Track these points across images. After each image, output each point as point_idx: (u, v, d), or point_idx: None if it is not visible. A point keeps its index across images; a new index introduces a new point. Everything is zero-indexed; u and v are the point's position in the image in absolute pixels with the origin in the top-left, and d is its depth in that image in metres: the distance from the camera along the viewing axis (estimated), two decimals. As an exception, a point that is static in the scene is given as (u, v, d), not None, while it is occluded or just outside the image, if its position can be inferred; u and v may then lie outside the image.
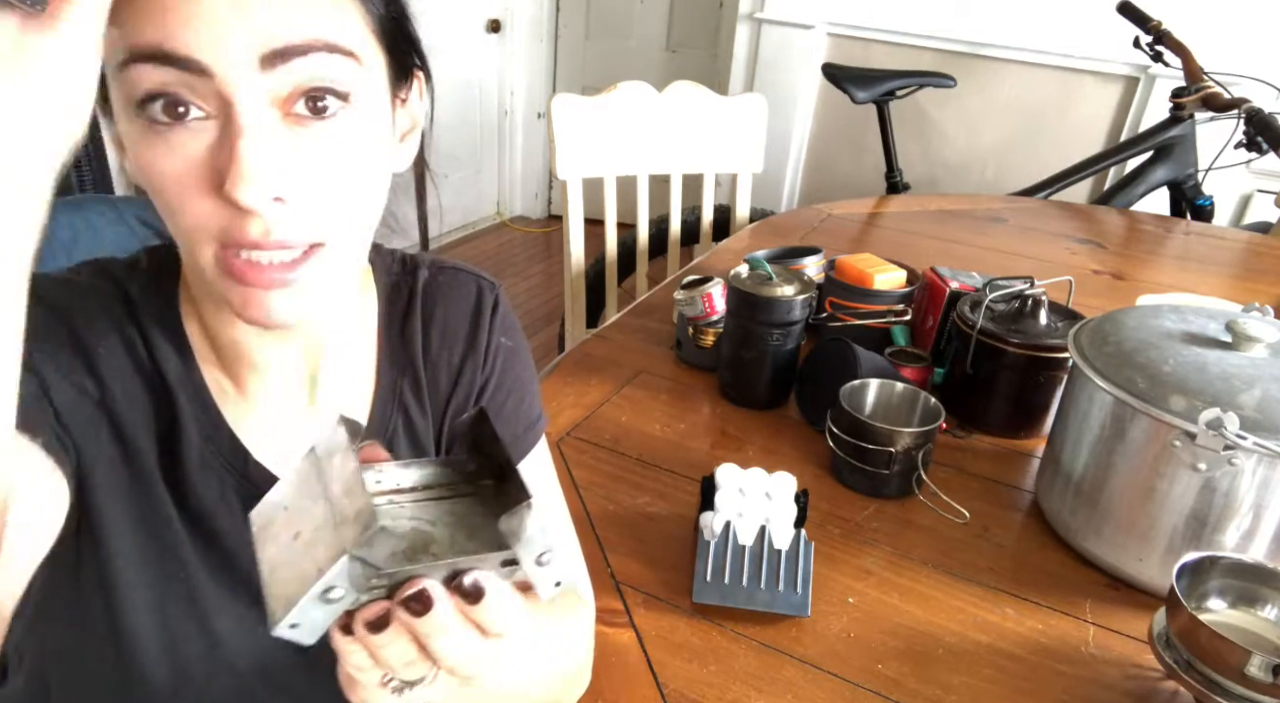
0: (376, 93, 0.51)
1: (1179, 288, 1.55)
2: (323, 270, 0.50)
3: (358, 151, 0.50)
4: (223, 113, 0.46)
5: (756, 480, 0.83)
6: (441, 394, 0.68)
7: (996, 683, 0.72)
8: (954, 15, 2.82)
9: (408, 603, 0.37)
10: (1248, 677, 0.63)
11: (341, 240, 0.51)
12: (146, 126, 0.46)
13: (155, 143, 0.46)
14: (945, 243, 1.72)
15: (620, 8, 3.81)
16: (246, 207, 0.45)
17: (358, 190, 0.51)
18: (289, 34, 0.45)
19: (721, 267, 1.47)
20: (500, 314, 0.71)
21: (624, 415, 1.07)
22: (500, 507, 0.41)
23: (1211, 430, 0.73)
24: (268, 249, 0.48)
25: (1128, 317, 0.89)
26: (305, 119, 0.47)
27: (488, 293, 0.70)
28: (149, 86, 0.45)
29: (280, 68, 0.45)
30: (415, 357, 0.66)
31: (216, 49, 0.44)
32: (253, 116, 0.45)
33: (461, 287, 0.70)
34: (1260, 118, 1.86)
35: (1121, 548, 0.83)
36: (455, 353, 0.68)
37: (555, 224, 4.14)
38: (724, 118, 1.88)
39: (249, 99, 0.45)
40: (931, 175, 3.04)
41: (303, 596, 0.35)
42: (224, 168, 0.45)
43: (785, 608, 0.76)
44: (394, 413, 0.65)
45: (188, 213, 0.47)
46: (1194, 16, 2.31)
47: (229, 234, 0.47)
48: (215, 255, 0.48)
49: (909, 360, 1.10)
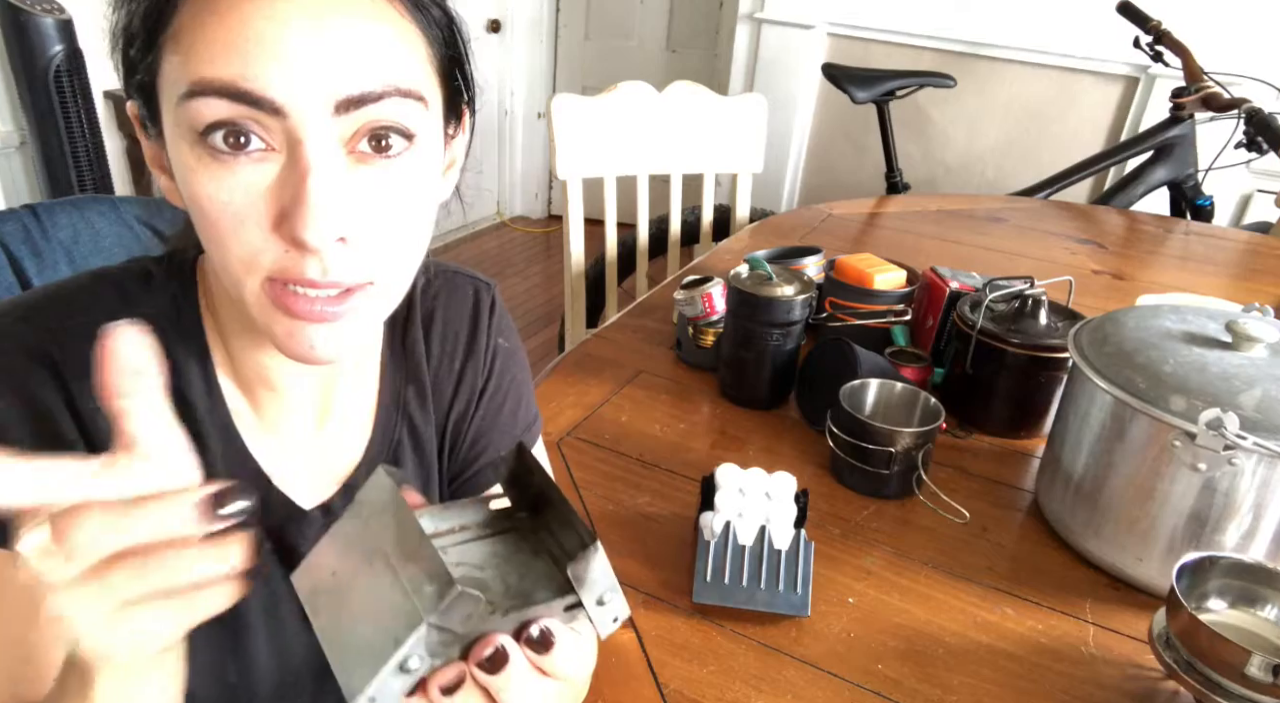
0: (436, 131, 0.51)
1: (1179, 288, 1.55)
2: (370, 308, 0.50)
3: (417, 191, 0.50)
4: (288, 148, 0.45)
5: (756, 481, 0.83)
6: (445, 399, 0.68)
7: (996, 683, 0.72)
8: (954, 15, 2.82)
9: (484, 664, 0.37)
10: (1248, 677, 0.63)
11: (391, 279, 0.51)
12: (206, 155, 0.45)
13: (215, 171, 0.45)
14: (945, 243, 1.72)
15: (620, 8, 3.81)
16: (313, 247, 0.45)
17: (413, 229, 0.51)
18: (366, 82, 0.45)
19: (721, 267, 1.47)
20: (497, 315, 0.71)
21: (624, 415, 1.07)
22: (540, 540, 0.41)
23: (1211, 430, 0.73)
24: (322, 288, 0.47)
25: (1128, 317, 0.89)
26: (369, 157, 0.47)
27: (484, 295, 0.70)
28: (215, 118, 0.44)
29: (354, 113, 0.46)
30: (419, 364, 0.66)
31: (294, 92, 0.44)
32: (321, 156, 0.45)
33: (459, 290, 0.69)
34: (1260, 118, 1.86)
35: (1121, 548, 0.83)
36: (456, 358, 0.68)
37: (555, 224, 4.14)
38: (724, 118, 1.88)
39: (319, 139, 0.45)
40: (931, 175, 3.04)
41: (382, 668, 0.35)
42: (288, 205, 0.45)
43: (785, 608, 0.76)
44: (399, 422, 0.65)
45: (240, 244, 0.46)
46: (1194, 16, 2.31)
47: (286, 271, 0.47)
48: (262, 287, 0.48)
49: (909, 360, 1.10)
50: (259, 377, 0.57)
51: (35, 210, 0.87)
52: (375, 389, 0.65)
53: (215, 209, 0.46)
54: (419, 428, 0.66)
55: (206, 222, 0.47)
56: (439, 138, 0.52)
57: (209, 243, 0.48)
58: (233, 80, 0.44)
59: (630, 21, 3.82)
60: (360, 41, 0.45)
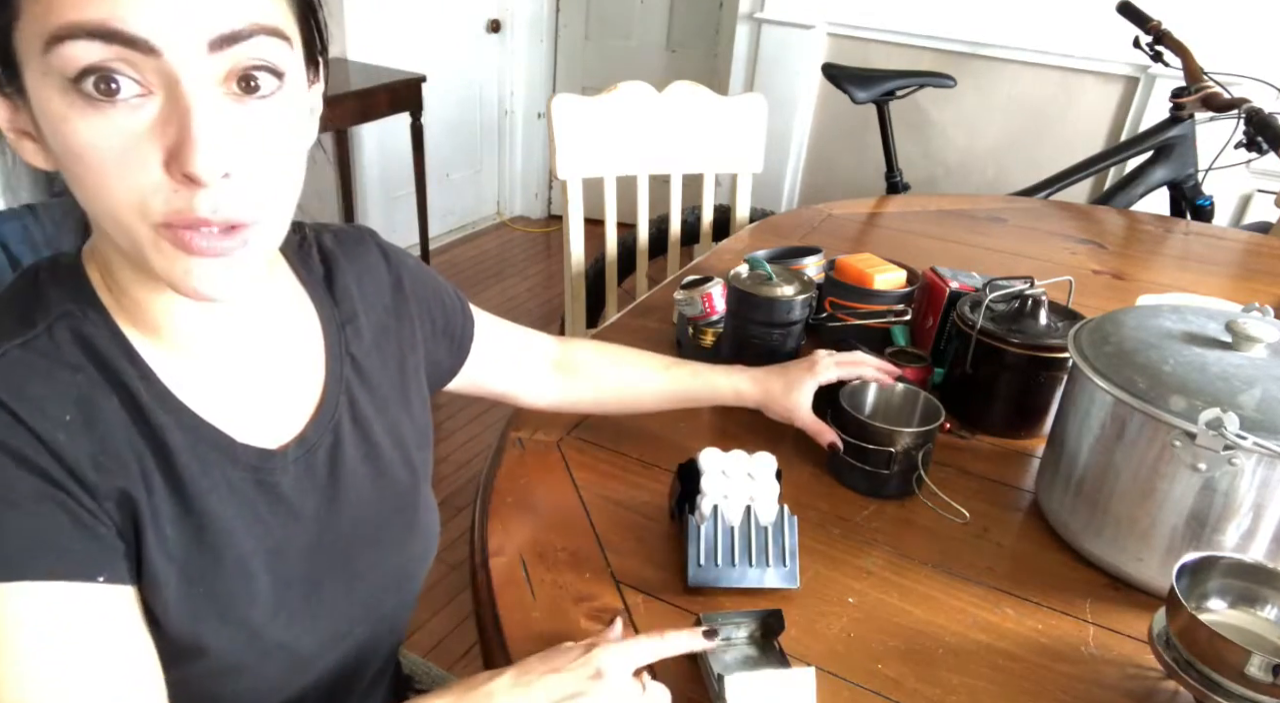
0: (301, 72, 0.53)
1: (1179, 288, 1.55)
2: (257, 244, 0.52)
3: (290, 128, 0.52)
4: (164, 88, 0.46)
5: (739, 462, 0.84)
6: (392, 331, 0.74)
7: (996, 683, 0.72)
8: (954, 15, 2.81)
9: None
10: (1248, 677, 0.63)
11: (273, 217, 0.53)
12: (80, 101, 0.45)
13: (92, 119, 0.46)
14: (945, 243, 1.72)
15: (620, 8, 3.81)
16: (202, 179, 0.46)
17: (290, 168, 0.53)
18: (236, 19, 0.47)
19: (721, 267, 1.47)
20: (394, 249, 0.77)
21: (624, 416, 1.07)
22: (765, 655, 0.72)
23: (1211, 430, 0.73)
24: (214, 224, 0.49)
25: (1128, 317, 0.89)
26: (242, 97, 0.49)
27: (371, 236, 0.76)
28: (88, 62, 0.45)
29: (227, 51, 0.47)
30: (354, 307, 0.70)
31: (167, 31, 0.45)
32: (201, 93, 0.47)
33: (355, 238, 0.74)
34: (1260, 118, 1.86)
35: (1121, 548, 0.83)
36: (384, 295, 0.74)
37: (555, 224, 4.14)
38: (724, 118, 1.88)
39: (196, 77, 0.46)
40: (931, 175, 3.04)
41: None
42: (174, 143, 0.46)
43: (776, 581, 0.79)
44: (344, 358, 0.69)
45: (128, 189, 0.47)
46: (1194, 16, 2.31)
47: (180, 214, 0.48)
48: (157, 231, 0.49)
49: (909, 360, 1.10)
50: (180, 339, 0.58)
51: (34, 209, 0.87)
52: (319, 334, 0.68)
53: (96, 157, 0.47)
54: (362, 364, 0.70)
55: (88, 172, 0.47)
56: (304, 79, 0.54)
57: (91, 196, 0.49)
58: (104, 20, 0.44)
59: (630, 21, 3.82)
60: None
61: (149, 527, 0.55)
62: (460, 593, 1.96)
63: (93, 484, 0.52)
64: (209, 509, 0.58)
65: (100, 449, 0.53)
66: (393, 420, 0.73)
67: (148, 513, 0.55)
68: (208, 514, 0.58)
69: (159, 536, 0.55)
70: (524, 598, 0.78)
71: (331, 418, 0.67)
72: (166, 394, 0.57)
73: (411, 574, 0.76)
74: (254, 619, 0.60)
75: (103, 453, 0.53)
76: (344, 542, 0.67)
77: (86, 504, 0.52)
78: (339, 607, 0.67)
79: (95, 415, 0.53)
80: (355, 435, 0.69)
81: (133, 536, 0.54)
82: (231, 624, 0.59)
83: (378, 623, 0.73)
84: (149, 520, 0.55)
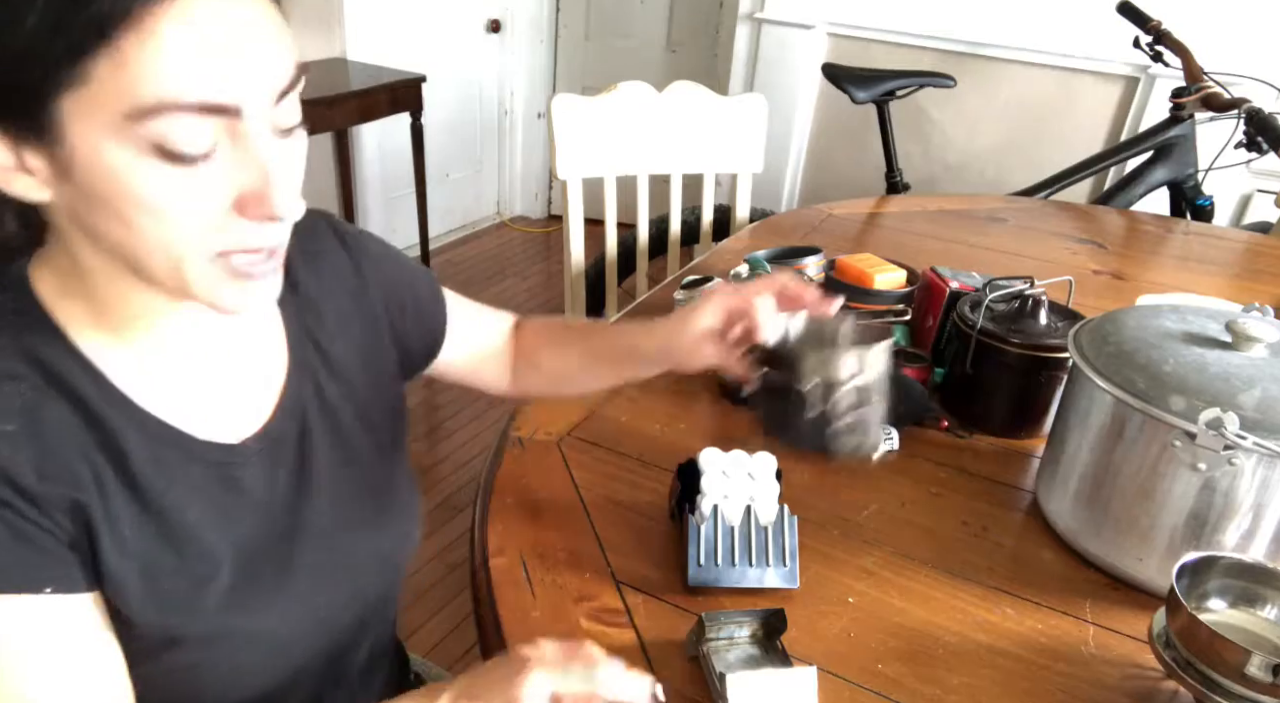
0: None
1: (1179, 288, 1.55)
2: (280, 260, 0.56)
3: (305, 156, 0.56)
4: (233, 138, 0.49)
5: (739, 462, 0.84)
6: (355, 317, 0.73)
7: (996, 683, 0.72)
8: (954, 15, 2.81)
9: None
10: (1248, 677, 0.63)
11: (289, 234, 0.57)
12: (157, 161, 0.47)
13: (166, 173, 0.48)
14: (945, 243, 1.72)
15: (620, 8, 3.81)
16: (283, 219, 0.51)
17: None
18: (290, 69, 0.51)
19: (721, 267, 1.47)
20: (351, 230, 0.76)
21: (624, 415, 1.07)
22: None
23: (1211, 430, 0.73)
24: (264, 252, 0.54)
25: (1128, 317, 0.89)
26: (284, 136, 0.52)
27: (328, 221, 0.75)
28: (179, 134, 0.47)
29: (283, 102, 0.51)
30: (312, 297, 0.71)
31: (251, 94, 0.48)
32: (268, 142, 0.50)
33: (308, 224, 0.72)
34: (1260, 118, 1.86)
35: (1121, 548, 0.83)
36: (345, 279, 0.73)
37: (555, 224, 4.13)
38: (724, 118, 1.88)
39: (264, 127, 0.50)
40: (931, 175, 3.04)
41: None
42: (252, 189, 0.50)
43: (776, 581, 0.79)
44: (308, 345, 0.70)
45: (185, 229, 0.50)
46: (1194, 16, 2.31)
47: (245, 243, 0.52)
48: (213, 261, 0.52)
49: (909, 360, 1.10)
50: (149, 342, 0.58)
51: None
52: (279, 324, 0.68)
53: (163, 204, 0.49)
54: (325, 348, 0.71)
55: (146, 216, 0.49)
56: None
57: (138, 234, 0.50)
58: (203, 99, 0.46)
59: (630, 21, 3.82)
60: (279, 29, 0.50)
61: (104, 531, 0.55)
62: (460, 593, 1.96)
63: (36, 495, 0.52)
64: (169, 507, 0.58)
65: (45, 458, 0.53)
66: (363, 406, 0.73)
67: (101, 517, 0.55)
68: (167, 512, 0.58)
69: (116, 538, 0.56)
70: (524, 598, 0.78)
71: (297, 407, 0.67)
72: (120, 397, 0.57)
73: (392, 557, 0.76)
74: (223, 610, 0.61)
75: (48, 462, 0.53)
76: (317, 529, 0.68)
77: (29, 516, 0.52)
78: (317, 593, 0.68)
79: (39, 424, 0.53)
80: (323, 422, 0.69)
81: (86, 542, 0.55)
82: (200, 616, 0.60)
83: (362, 608, 0.74)
84: (103, 525, 0.55)
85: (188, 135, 0.47)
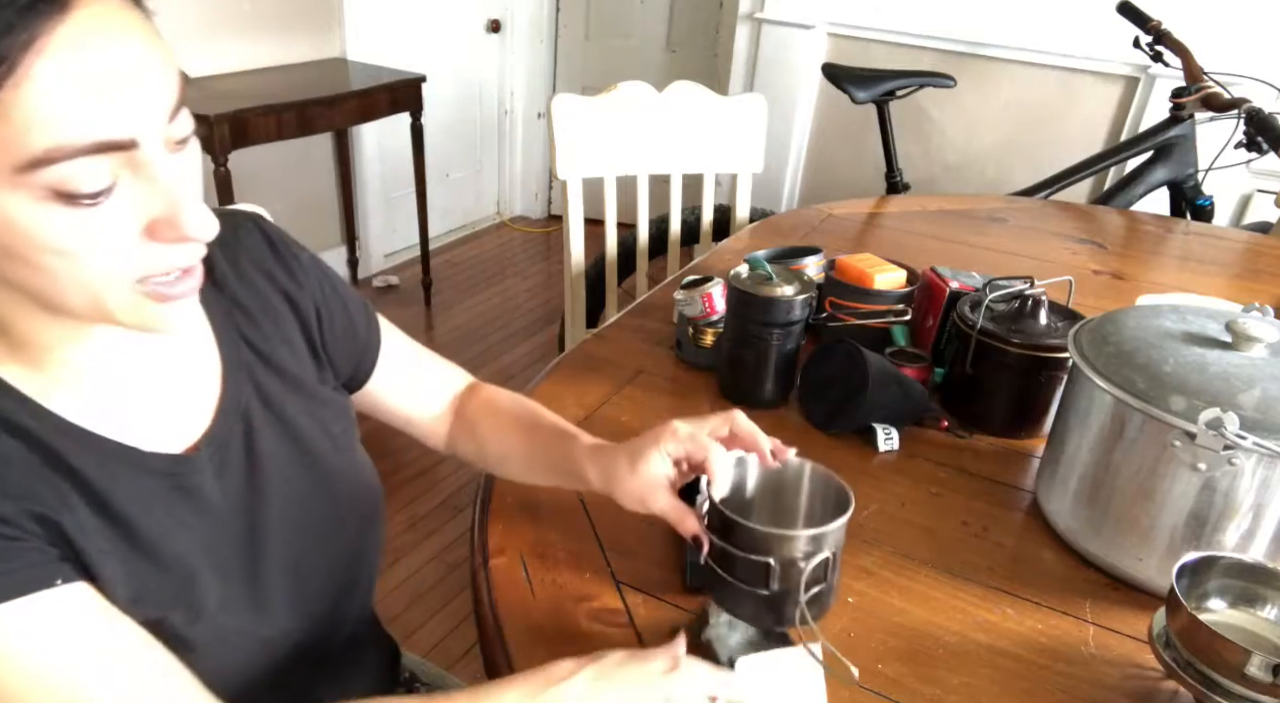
0: None
1: (1179, 288, 1.55)
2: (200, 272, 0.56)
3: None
4: (131, 168, 0.48)
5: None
6: (289, 315, 0.72)
7: (996, 683, 0.72)
8: (954, 15, 2.81)
9: None
10: (1248, 677, 0.63)
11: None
12: (57, 205, 0.46)
13: (70, 217, 0.47)
14: (945, 243, 1.72)
15: (620, 8, 3.81)
16: (198, 240, 0.51)
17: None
18: (176, 84, 0.50)
19: (721, 267, 1.47)
20: (279, 233, 0.74)
21: (624, 415, 1.07)
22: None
23: (1211, 430, 0.73)
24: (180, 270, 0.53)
25: (1128, 317, 0.89)
26: (179, 147, 0.51)
27: (255, 221, 0.74)
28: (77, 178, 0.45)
29: (175, 119, 0.50)
30: (234, 294, 0.69)
31: (143, 122, 0.48)
32: (168, 163, 0.49)
33: (230, 223, 0.71)
34: (1260, 118, 1.86)
35: (1121, 548, 0.83)
36: (275, 277, 0.72)
37: (555, 224, 4.13)
38: (724, 118, 1.88)
39: (161, 150, 0.49)
40: (931, 175, 3.04)
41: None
42: (159, 216, 0.49)
43: None
44: (240, 344, 0.69)
45: (104, 263, 0.49)
46: (1194, 16, 2.31)
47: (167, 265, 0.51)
48: (133, 288, 0.51)
49: (909, 360, 1.10)
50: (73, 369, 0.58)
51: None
52: (207, 327, 0.67)
53: (73, 246, 0.48)
54: (259, 346, 0.70)
55: (57, 259, 0.48)
56: None
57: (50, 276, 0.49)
58: (97, 139, 0.45)
59: (630, 21, 3.82)
60: (158, 49, 0.49)
61: (80, 541, 0.55)
62: (460, 593, 1.96)
63: (8, 515, 0.52)
64: (133, 519, 0.58)
65: (5, 483, 0.53)
66: (308, 397, 0.73)
67: (76, 531, 0.55)
68: (133, 524, 0.58)
69: (93, 546, 0.56)
70: (524, 598, 0.78)
71: (237, 408, 0.67)
72: (59, 422, 0.56)
73: (360, 537, 0.77)
74: (205, 611, 0.62)
75: (9, 485, 0.53)
76: (278, 523, 0.68)
77: (7, 533, 0.52)
78: (290, 586, 0.69)
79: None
80: (268, 419, 0.69)
81: (68, 547, 0.55)
82: (185, 616, 0.60)
83: (337, 596, 0.75)
84: (79, 537, 0.55)
85: (85, 176, 0.46)
